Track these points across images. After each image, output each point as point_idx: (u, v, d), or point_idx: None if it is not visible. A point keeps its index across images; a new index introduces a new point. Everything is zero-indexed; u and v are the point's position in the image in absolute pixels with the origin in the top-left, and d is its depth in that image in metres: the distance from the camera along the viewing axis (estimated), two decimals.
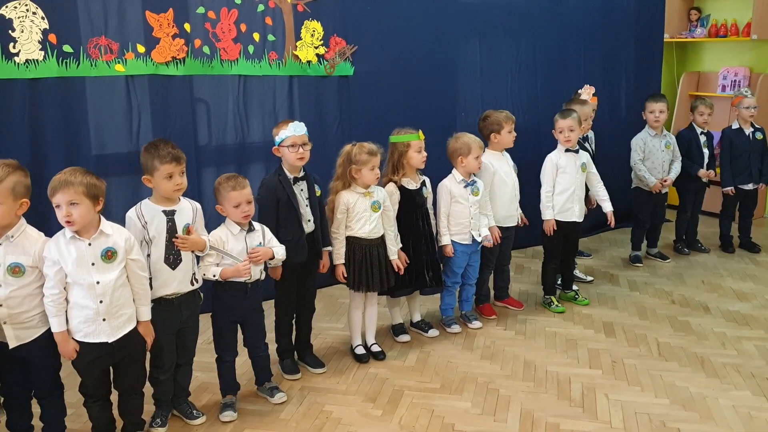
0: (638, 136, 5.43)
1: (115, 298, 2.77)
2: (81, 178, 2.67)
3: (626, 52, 6.38)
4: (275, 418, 3.31)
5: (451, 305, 4.31)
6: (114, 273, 2.76)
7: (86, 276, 2.71)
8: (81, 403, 3.00)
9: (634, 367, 3.76)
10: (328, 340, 4.17)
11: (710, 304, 4.65)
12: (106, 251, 2.74)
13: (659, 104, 5.33)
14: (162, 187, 2.98)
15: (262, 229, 3.32)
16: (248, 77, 4.54)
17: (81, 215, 2.66)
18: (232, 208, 3.18)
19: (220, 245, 3.19)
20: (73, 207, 2.65)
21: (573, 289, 4.76)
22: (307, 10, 4.65)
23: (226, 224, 3.25)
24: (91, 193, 2.68)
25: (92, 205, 2.69)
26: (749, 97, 5.60)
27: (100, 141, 4.18)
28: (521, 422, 3.23)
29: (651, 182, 5.35)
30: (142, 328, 2.92)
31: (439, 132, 4.32)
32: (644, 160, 5.38)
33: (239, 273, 3.18)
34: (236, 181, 3.20)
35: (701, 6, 7.23)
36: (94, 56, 4.03)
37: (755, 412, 3.27)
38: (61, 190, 2.64)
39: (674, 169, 5.44)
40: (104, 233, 2.75)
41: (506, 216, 4.38)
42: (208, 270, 3.19)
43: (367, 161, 3.64)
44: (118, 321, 2.80)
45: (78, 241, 2.70)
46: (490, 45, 5.56)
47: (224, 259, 3.20)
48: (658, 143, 5.37)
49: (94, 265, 2.72)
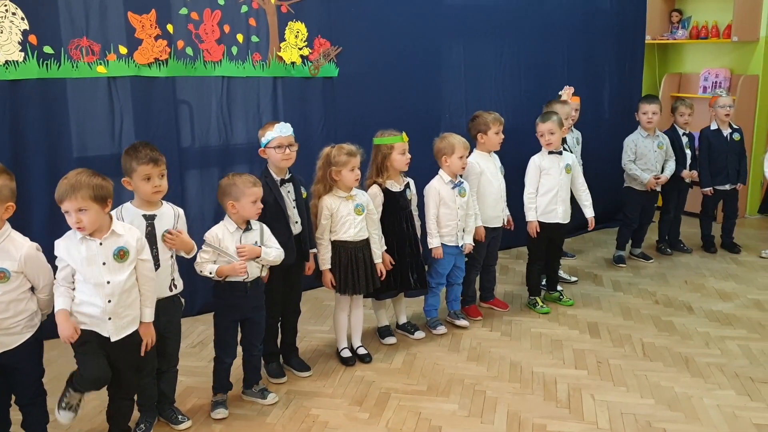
0: (630, 137, 5.47)
1: (123, 299, 2.76)
2: (87, 181, 2.63)
3: (609, 54, 6.42)
4: (261, 422, 3.29)
5: (435, 306, 4.31)
6: (125, 274, 2.74)
7: (97, 275, 2.69)
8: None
9: (619, 367, 3.78)
10: (313, 343, 4.15)
11: (693, 304, 4.68)
12: (119, 250, 2.73)
13: (652, 106, 5.37)
14: (140, 189, 2.96)
15: (261, 228, 3.31)
16: (232, 78, 4.51)
17: (91, 221, 2.64)
18: (250, 203, 3.19)
19: (216, 243, 3.18)
20: (82, 213, 2.62)
21: (558, 290, 4.77)
22: (291, 11, 4.63)
23: (225, 222, 3.25)
24: (99, 196, 2.65)
25: (101, 209, 2.67)
26: (724, 96, 5.64)
27: (81, 143, 4.13)
28: (508, 424, 3.23)
29: (645, 179, 5.38)
30: (143, 329, 2.88)
31: (424, 134, 4.32)
32: (636, 161, 5.41)
33: (235, 271, 3.16)
34: (255, 178, 3.24)
35: (682, 8, 7.29)
36: (76, 57, 3.98)
37: (739, 412, 3.29)
38: (68, 198, 2.61)
39: (668, 168, 5.48)
40: (116, 233, 2.74)
41: (493, 216, 4.38)
42: (204, 267, 3.17)
43: (346, 162, 3.63)
44: (123, 321, 2.78)
45: (89, 241, 2.69)
46: (475, 46, 5.57)
47: (221, 257, 3.18)
48: (650, 144, 5.41)
49: (105, 264, 2.70)
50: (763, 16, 6.62)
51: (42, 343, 2.86)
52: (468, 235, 4.21)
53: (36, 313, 2.78)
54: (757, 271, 5.36)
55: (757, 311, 4.53)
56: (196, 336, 4.22)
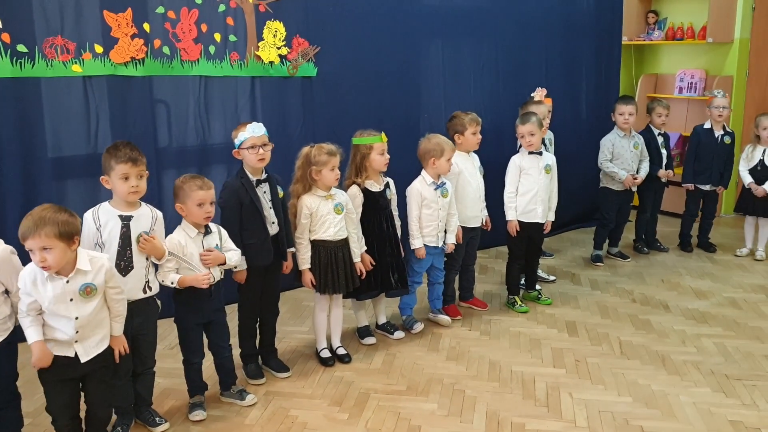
0: (607, 137, 5.52)
1: (91, 326, 2.70)
2: (52, 217, 2.51)
3: (586, 55, 6.47)
4: (239, 423, 3.27)
5: (410, 305, 4.32)
6: (92, 305, 2.68)
7: (64, 311, 2.62)
8: (38, 413, 2.91)
9: (597, 365, 3.80)
10: (292, 343, 4.13)
11: (670, 302, 4.73)
12: (85, 287, 2.64)
13: (629, 107, 5.42)
14: (118, 188, 2.93)
15: (219, 231, 3.28)
16: (209, 78, 4.48)
17: (56, 260, 2.53)
18: (196, 206, 3.12)
19: (179, 250, 3.13)
20: (46, 252, 2.51)
21: (536, 289, 4.80)
22: (269, 10, 4.60)
23: (183, 227, 3.19)
24: (65, 233, 2.52)
25: (67, 246, 2.55)
26: (719, 97, 5.68)
27: (57, 143, 4.08)
28: (487, 423, 3.24)
29: (622, 176, 5.42)
30: (114, 341, 2.83)
31: (403, 133, 4.33)
32: (613, 161, 5.46)
33: (198, 282, 3.12)
34: (203, 180, 3.16)
35: (659, 9, 7.37)
36: (50, 56, 3.93)
37: (715, 408, 3.33)
38: (32, 236, 2.49)
39: (643, 169, 5.53)
40: (81, 270, 2.63)
41: (471, 216, 4.39)
42: (167, 276, 3.12)
43: (326, 162, 3.62)
44: (92, 342, 2.72)
45: (56, 279, 2.59)
46: (453, 46, 5.58)
47: (183, 265, 3.15)
48: (626, 144, 5.46)
49: (72, 300, 2.63)
50: (738, 18, 6.71)
51: (16, 347, 2.82)
52: (450, 235, 4.22)
53: (10, 317, 2.72)
54: (733, 269, 5.42)
55: (732, 309, 4.59)
56: (174, 338, 4.14)
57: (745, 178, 5.60)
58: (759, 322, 4.37)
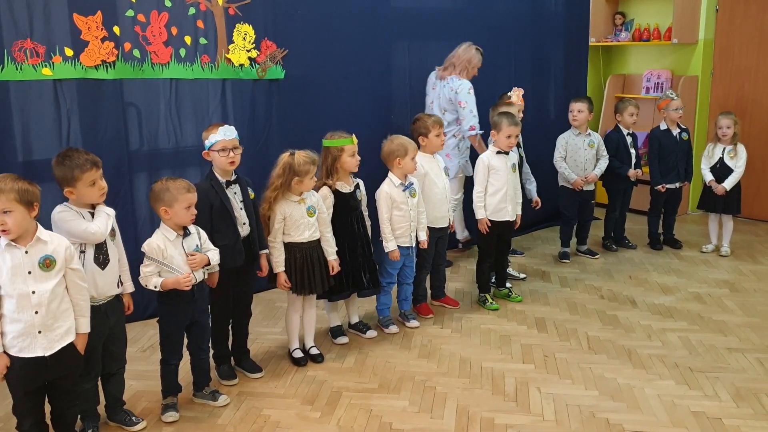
0: (562, 135, 5.64)
1: (52, 310, 2.68)
2: (12, 184, 2.58)
3: (554, 55, 6.57)
4: (212, 423, 3.30)
5: (387, 305, 4.36)
6: (51, 282, 2.67)
7: (21, 285, 2.61)
8: (7, 416, 2.91)
9: (565, 360, 3.88)
10: (265, 344, 4.16)
11: (637, 298, 4.83)
12: (44, 259, 2.66)
13: (577, 104, 5.55)
14: (87, 195, 2.94)
15: (198, 231, 3.30)
16: (180, 81, 4.48)
17: (16, 223, 2.57)
18: (184, 209, 3.15)
19: (159, 254, 3.15)
20: (6, 215, 2.56)
21: (507, 287, 4.87)
22: (239, 13, 4.62)
23: (162, 230, 3.21)
24: (25, 199, 2.59)
25: (27, 212, 2.60)
26: (676, 99, 5.82)
27: (27, 147, 4.06)
28: (457, 418, 3.30)
29: (571, 178, 5.54)
30: (80, 340, 2.82)
31: (371, 135, 4.34)
32: (566, 158, 5.57)
33: (179, 285, 3.14)
34: (188, 183, 3.20)
35: (625, 11, 7.49)
36: (20, 60, 3.92)
37: (678, 400, 3.42)
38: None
39: (598, 167, 5.63)
40: (41, 240, 2.67)
41: (438, 217, 4.43)
42: (149, 281, 3.14)
43: (309, 171, 3.65)
44: (55, 333, 2.71)
45: (14, 248, 2.61)
46: (421, 48, 5.62)
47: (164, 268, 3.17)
48: (581, 142, 5.56)
49: (30, 273, 2.63)
50: (701, 20, 6.86)
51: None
52: (422, 231, 4.27)
53: None
54: (698, 265, 5.54)
55: (696, 304, 4.70)
56: (146, 340, 4.19)
57: (706, 176, 5.74)
58: (722, 316, 4.48)
